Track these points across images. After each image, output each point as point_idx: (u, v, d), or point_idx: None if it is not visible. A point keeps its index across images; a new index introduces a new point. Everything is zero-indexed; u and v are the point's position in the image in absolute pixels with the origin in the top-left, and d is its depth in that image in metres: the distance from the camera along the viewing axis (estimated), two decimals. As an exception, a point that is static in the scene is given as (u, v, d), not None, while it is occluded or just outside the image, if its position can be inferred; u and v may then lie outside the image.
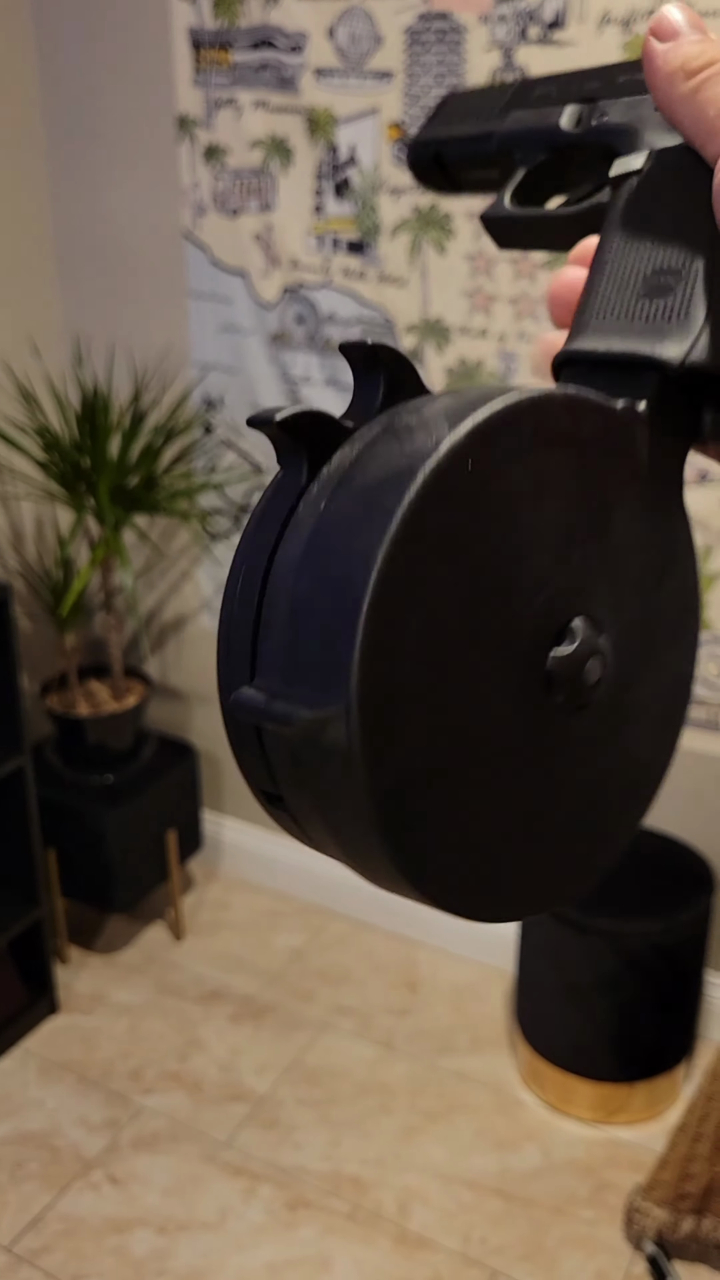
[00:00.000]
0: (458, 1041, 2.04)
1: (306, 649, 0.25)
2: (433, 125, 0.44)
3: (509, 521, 0.26)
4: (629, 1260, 1.64)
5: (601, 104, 0.38)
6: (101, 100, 1.98)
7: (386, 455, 0.25)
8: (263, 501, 0.27)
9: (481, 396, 0.26)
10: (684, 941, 1.76)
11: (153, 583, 2.30)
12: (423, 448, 0.25)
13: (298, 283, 1.89)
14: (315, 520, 0.26)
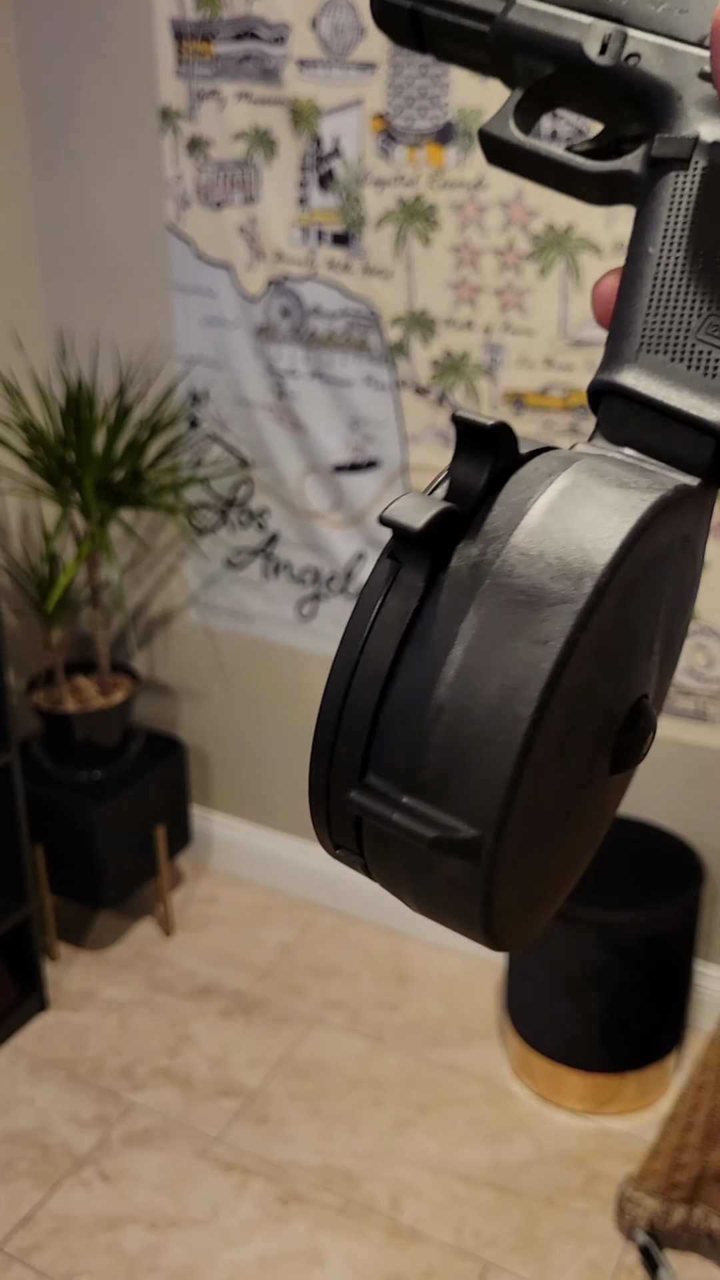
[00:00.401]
0: (448, 1034, 2.05)
1: (444, 769, 0.25)
2: None
3: (638, 629, 0.27)
4: (621, 1250, 1.65)
5: (631, 35, 0.34)
6: (83, 92, 1.97)
7: (534, 573, 0.25)
8: (377, 592, 0.26)
9: (620, 506, 0.25)
10: (673, 932, 1.77)
11: (139, 577, 2.29)
12: (573, 575, 0.24)
13: (282, 275, 1.89)
14: (458, 636, 0.25)
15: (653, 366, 0.30)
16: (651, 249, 0.31)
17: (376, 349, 1.85)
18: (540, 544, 0.25)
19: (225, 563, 2.16)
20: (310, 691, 2.19)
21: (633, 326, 0.30)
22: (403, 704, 0.25)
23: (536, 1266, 1.63)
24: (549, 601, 0.24)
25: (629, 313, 0.31)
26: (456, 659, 0.25)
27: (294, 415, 1.96)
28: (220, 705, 2.33)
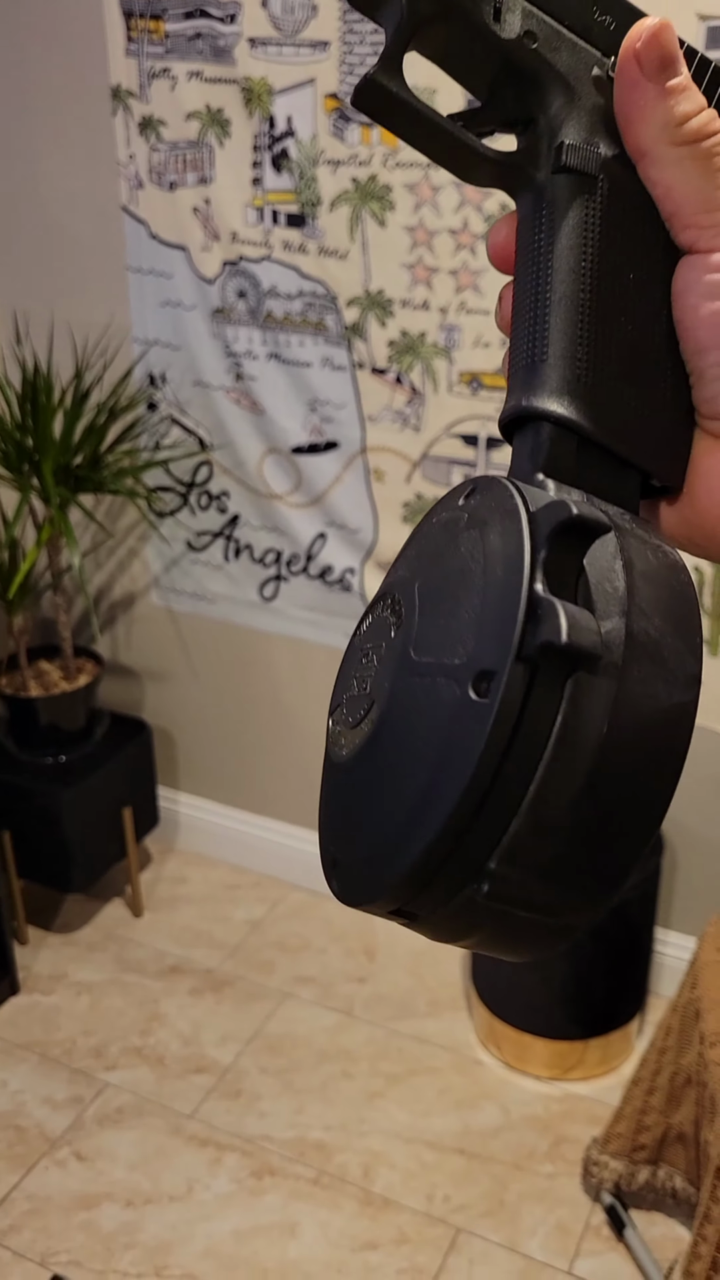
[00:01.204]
0: (416, 1005, 2.08)
1: (581, 858, 0.27)
2: None
3: None
4: (589, 1211, 1.69)
5: (525, 8, 0.32)
6: (32, 71, 1.94)
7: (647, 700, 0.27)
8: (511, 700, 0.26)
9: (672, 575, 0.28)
10: (634, 901, 1.81)
11: (100, 561, 2.29)
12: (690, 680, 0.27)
13: (238, 256, 1.88)
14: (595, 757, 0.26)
15: (581, 396, 0.30)
16: (563, 272, 0.31)
17: (334, 330, 1.85)
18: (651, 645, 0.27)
19: (186, 545, 2.16)
20: (274, 671, 2.20)
21: (556, 352, 0.31)
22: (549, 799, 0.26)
23: (506, 1230, 1.67)
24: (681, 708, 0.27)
25: (545, 337, 0.31)
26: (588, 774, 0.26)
27: (252, 397, 1.96)
28: (184, 686, 2.33)
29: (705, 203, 0.30)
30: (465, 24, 0.32)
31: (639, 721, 0.26)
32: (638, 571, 0.27)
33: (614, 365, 0.31)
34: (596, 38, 0.32)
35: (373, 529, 1.95)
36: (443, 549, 0.29)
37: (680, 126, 0.30)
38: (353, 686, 0.31)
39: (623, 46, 0.31)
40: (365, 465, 1.92)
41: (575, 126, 0.32)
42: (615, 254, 0.31)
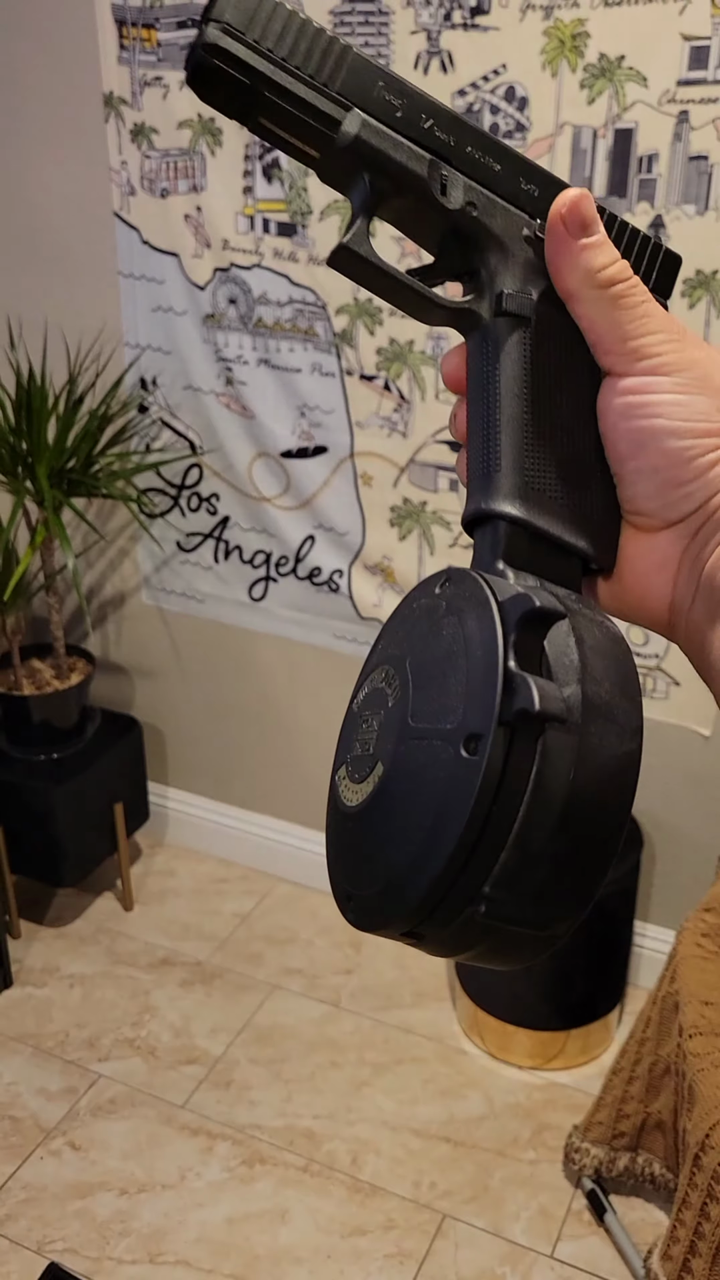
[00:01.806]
0: (401, 996, 2.13)
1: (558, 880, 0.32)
2: (239, 37, 0.36)
3: None
4: (570, 1197, 1.75)
5: (465, 183, 0.38)
6: (25, 77, 1.96)
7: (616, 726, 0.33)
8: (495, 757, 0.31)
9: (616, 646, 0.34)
10: (614, 895, 1.86)
11: (91, 561, 2.31)
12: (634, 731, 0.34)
13: (229, 263, 1.91)
14: (565, 799, 0.32)
15: (531, 499, 0.37)
16: (508, 397, 0.37)
17: (323, 337, 1.89)
18: (603, 706, 0.33)
19: (177, 546, 2.19)
20: (262, 670, 2.24)
21: (504, 462, 0.37)
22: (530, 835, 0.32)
23: (491, 1215, 1.72)
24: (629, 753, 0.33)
25: (497, 451, 0.37)
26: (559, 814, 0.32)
27: (243, 402, 1.99)
28: (174, 684, 2.37)
29: (619, 334, 0.37)
30: (418, 197, 0.38)
31: (598, 767, 0.32)
32: (588, 646, 0.33)
33: (554, 471, 0.37)
34: (524, 204, 0.39)
35: (360, 532, 1.99)
36: (428, 632, 0.35)
37: (597, 274, 0.37)
38: (355, 748, 0.36)
39: (550, 211, 0.37)
40: (354, 470, 1.96)
41: (511, 277, 0.38)
42: (549, 380, 0.38)
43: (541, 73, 1.61)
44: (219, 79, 0.36)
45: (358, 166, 0.37)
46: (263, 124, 0.37)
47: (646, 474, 0.37)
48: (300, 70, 0.36)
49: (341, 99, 0.37)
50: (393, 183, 0.38)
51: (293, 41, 0.36)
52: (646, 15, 1.53)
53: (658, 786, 1.97)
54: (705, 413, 0.36)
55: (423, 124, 0.38)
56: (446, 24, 1.64)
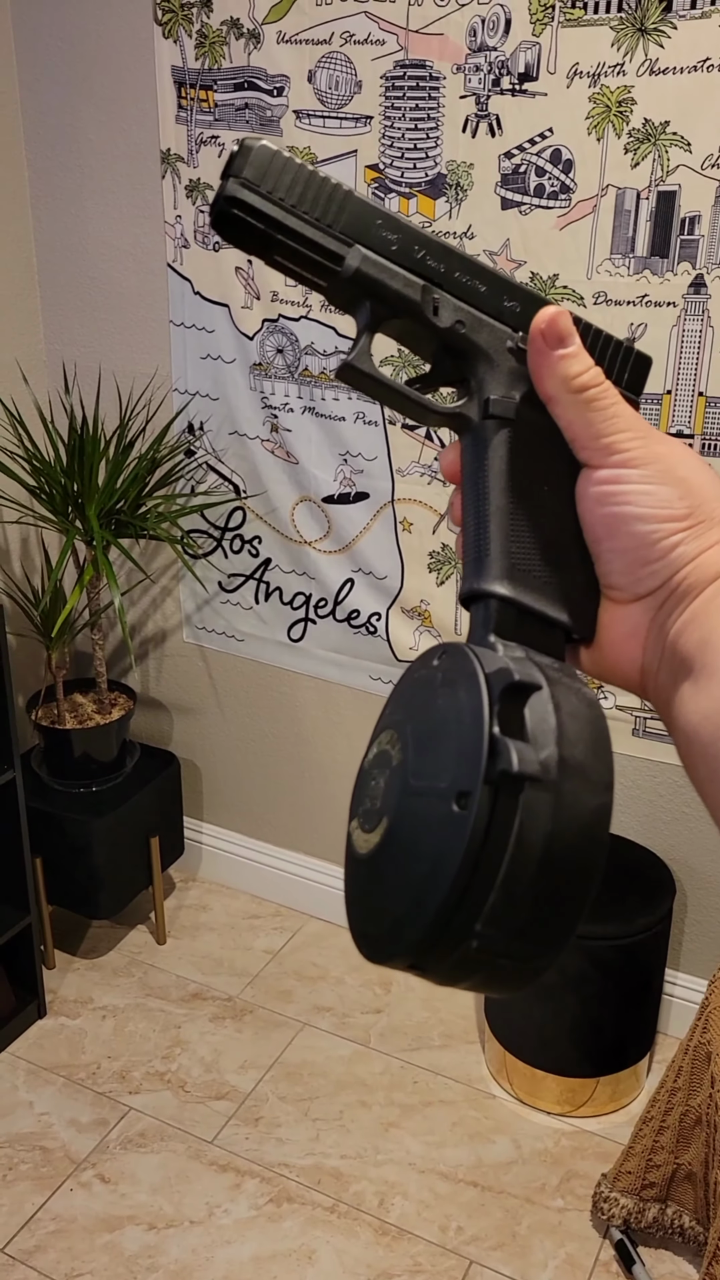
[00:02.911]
0: (430, 1038, 2.14)
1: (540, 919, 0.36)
2: (255, 190, 0.42)
3: None
4: (598, 1247, 1.74)
5: (454, 304, 0.43)
6: (86, 134, 2.04)
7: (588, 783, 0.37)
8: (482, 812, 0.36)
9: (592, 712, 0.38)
10: (646, 942, 1.86)
11: (135, 599, 2.36)
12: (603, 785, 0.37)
13: (277, 315, 1.96)
14: (544, 847, 0.36)
15: (517, 579, 0.42)
16: (491, 485, 0.43)
17: (368, 387, 1.93)
18: (591, 763, 0.37)
19: (219, 586, 2.24)
20: (299, 709, 2.27)
21: (494, 548, 0.42)
22: (512, 883, 0.36)
23: (518, 1263, 1.72)
24: (600, 808, 0.37)
25: (487, 537, 0.42)
26: (542, 855, 0.36)
27: (287, 448, 2.04)
28: (213, 722, 2.40)
29: (592, 432, 0.42)
30: (413, 318, 0.44)
31: (572, 819, 0.36)
32: (565, 711, 0.38)
33: (537, 553, 0.42)
34: (508, 319, 0.44)
35: (399, 576, 2.03)
36: (426, 701, 0.40)
37: (572, 381, 0.42)
38: (366, 802, 0.42)
39: (531, 327, 0.43)
40: (394, 516, 1.99)
41: (496, 384, 0.44)
42: (532, 472, 0.43)
43: (587, 137, 1.66)
44: (238, 225, 0.42)
45: (359, 294, 0.43)
46: (278, 260, 0.43)
47: (618, 554, 0.42)
48: (308, 215, 0.42)
49: (344, 237, 0.43)
50: (390, 307, 0.43)
51: (301, 190, 0.42)
52: (691, 83, 1.58)
53: (690, 835, 1.98)
54: (668, 500, 0.41)
55: (416, 254, 0.44)
56: (495, 89, 1.69)
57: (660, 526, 0.41)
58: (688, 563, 0.41)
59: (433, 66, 1.72)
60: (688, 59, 1.57)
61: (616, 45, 1.61)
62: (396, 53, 1.74)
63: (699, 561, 0.40)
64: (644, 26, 1.58)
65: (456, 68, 1.71)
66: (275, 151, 0.42)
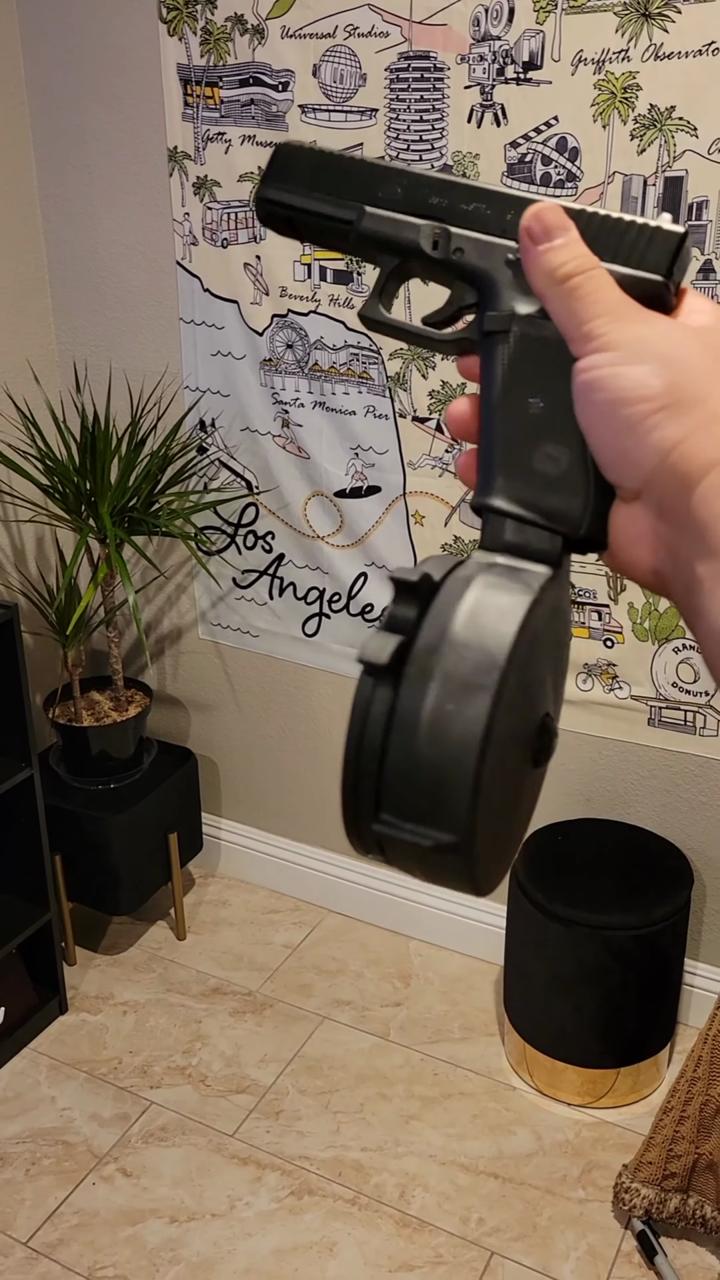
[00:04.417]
0: (450, 1030, 2.14)
1: (429, 805, 0.38)
2: (280, 184, 0.48)
3: (534, 680, 0.40)
4: (620, 1238, 1.74)
5: (454, 233, 0.45)
6: (93, 133, 2.04)
7: (463, 671, 0.37)
8: (364, 699, 0.38)
9: (507, 612, 0.38)
10: (664, 933, 1.86)
11: (150, 596, 2.37)
12: (474, 672, 0.37)
13: (287, 310, 1.96)
14: (420, 719, 0.37)
15: (511, 489, 0.42)
16: (493, 402, 0.43)
17: (377, 380, 1.93)
18: (461, 650, 0.38)
19: (233, 582, 2.24)
20: (315, 704, 2.28)
21: (492, 461, 0.43)
22: (396, 767, 0.38)
23: (539, 1254, 1.72)
24: (474, 689, 0.37)
25: (487, 450, 0.43)
26: (424, 735, 0.37)
27: (298, 443, 2.05)
28: (229, 717, 2.41)
29: (575, 322, 0.40)
30: (418, 258, 0.46)
31: (430, 711, 0.37)
32: (464, 610, 0.38)
33: (531, 464, 0.42)
34: (511, 233, 0.45)
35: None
36: None
37: (556, 272, 0.40)
38: None
39: (520, 227, 0.42)
40: (406, 509, 1.99)
41: (495, 300, 0.44)
42: (529, 383, 0.42)
43: (593, 124, 1.65)
44: (273, 217, 0.48)
45: (372, 249, 0.46)
46: (313, 239, 0.49)
47: (602, 446, 0.39)
48: (320, 193, 0.47)
49: (353, 204, 0.47)
50: (398, 253, 0.46)
51: (313, 172, 0.47)
52: (697, 68, 1.57)
53: (707, 825, 1.97)
54: (640, 380, 0.38)
55: (421, 197, 0.46)
56: (500, 79, 1.69)
57: (632, 409, 0.37)
58: (671, 449, 0.37)
59: (437, 57, 1.72)
60: (693, 43, 1.56)
61: (621, 31, 1.60)
62: (400, 44, 1.74)
63: (684, 449, 0.37)
64: (648, 11, 1.57)
65: (460, 58, 1.70)
66: (297, 146, 0.47)
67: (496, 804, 0.39)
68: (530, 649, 0.39)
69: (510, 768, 0.39)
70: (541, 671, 0.41)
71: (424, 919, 2.33)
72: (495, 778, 0.38)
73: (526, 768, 0.41)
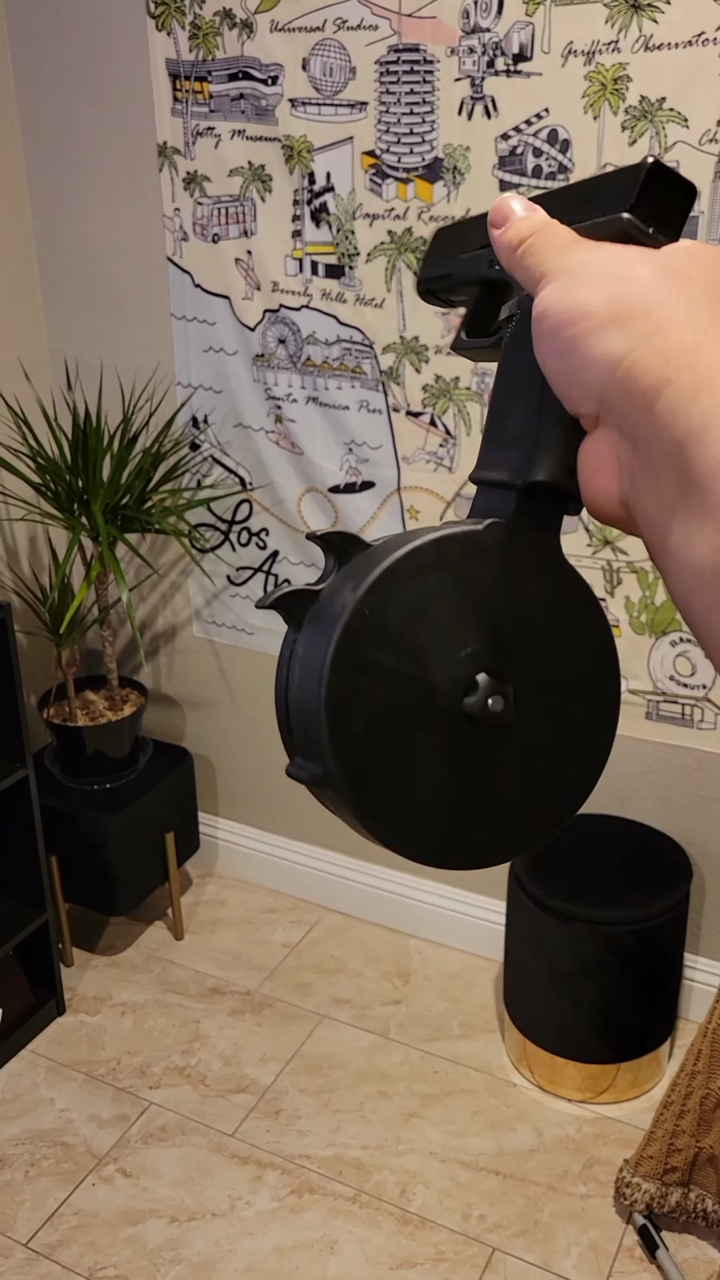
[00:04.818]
0: (450, 1028, 2.13)
1: (305, 739, 0.40)
2: (425, 264, 0.54)
3: (431, 624, 0.39)
4: (621, 1232, 1.73)
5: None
6: (82, 129, 2.04)
7: (328, 612, 0.39)
8: (283, 645, 0.41)
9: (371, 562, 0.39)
10: (663, 927, 1.85)
11: (144, 595, 2.36)
12: (339, 609, 0.38)
13: (279, 305, 1.96)
14: (300, 660, 0.40)
15: (486, 459, 0.42)
16: (495, 388, 0.44)
17: (370, 375, 1.93)
18: (338, 588, 0.39)
19: (227, 580, 2.23)
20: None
21: (485, 431, 0.44)
22: (283, 709, 0.41)
23: (541, 1250, 1.72)
24: (330, 621, 0.38)
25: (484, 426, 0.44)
26: (296, 675, 0.39)
27: (292, 438, 2.04)
28: (224, 716, 2.40)
29: (529, 278, 0.40)
30: (475, 283, 0.49)
31: (302, 660, 0.39)
32: (353, 563, 0.39)
33: (507, 427, 0.42)
34: None
35: (408, 565, 2.02)
36: None
37: (510, 243, 0.41)
38: None
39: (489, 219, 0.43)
40: (400, 504, 1.99)
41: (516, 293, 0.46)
42: (514, 358, 0.43)
43: (583, 116, 1.65)
44: (427, 293, 0.54)
45: (462, 287, 0.50)
46: (446, 301, 0.54)
47: (556, 376, 0.38)
48: (444, 258, 0.52)
49: (457, 256, 0.51)
50: (463, 282, 0.50)
51: (442, 243, 0.52)
52: (687, 58, 1.56)
53: (706, 819, 1.96)
54: (582, 299, 0.36)
55: (477, 236, 0.48)
56: (490, 71, 1.68)
57: (575, 328, 0.36)
58: (616, 363, 0.35)
59: (426, 50, 1.71)
60: (683, 34, 1.56)
61: (610, 22, 1.59)
62: (390, 37, 1.73)
63: (629, 362, 0.34)
64: (637, 3, 1.57)
65: (450, 50, 1.70)
66: (440, 227, 0.54)
67: (393, 745, 0.39)
68: (426, 589, 0.39)
69: (400, 710, 0.39)
70: (464, 625, 0.40)
71: (423, 916, 2.32)
72: (378, 717, 0.38)
73: (452, 722, 0.40)
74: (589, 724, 0.43)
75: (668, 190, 0.40)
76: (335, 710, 0.38)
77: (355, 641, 0.37)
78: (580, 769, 0.44)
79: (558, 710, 0.42)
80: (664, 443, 0.34)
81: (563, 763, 0.43)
